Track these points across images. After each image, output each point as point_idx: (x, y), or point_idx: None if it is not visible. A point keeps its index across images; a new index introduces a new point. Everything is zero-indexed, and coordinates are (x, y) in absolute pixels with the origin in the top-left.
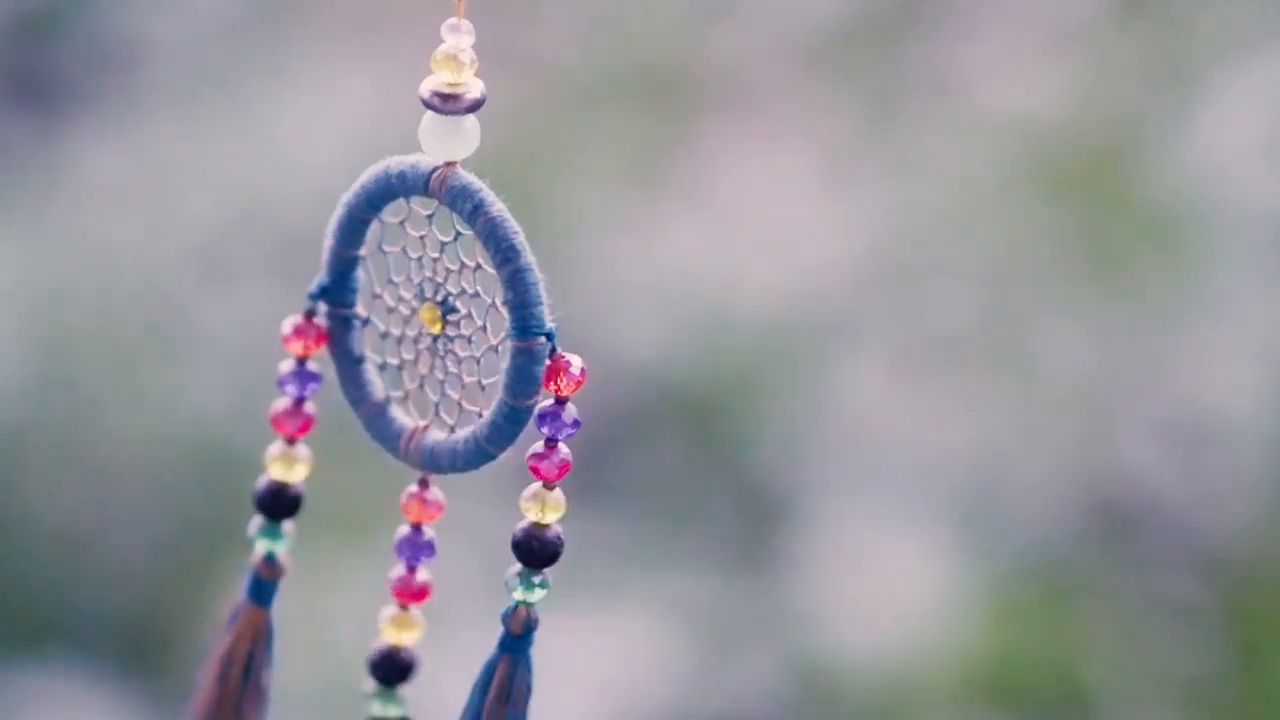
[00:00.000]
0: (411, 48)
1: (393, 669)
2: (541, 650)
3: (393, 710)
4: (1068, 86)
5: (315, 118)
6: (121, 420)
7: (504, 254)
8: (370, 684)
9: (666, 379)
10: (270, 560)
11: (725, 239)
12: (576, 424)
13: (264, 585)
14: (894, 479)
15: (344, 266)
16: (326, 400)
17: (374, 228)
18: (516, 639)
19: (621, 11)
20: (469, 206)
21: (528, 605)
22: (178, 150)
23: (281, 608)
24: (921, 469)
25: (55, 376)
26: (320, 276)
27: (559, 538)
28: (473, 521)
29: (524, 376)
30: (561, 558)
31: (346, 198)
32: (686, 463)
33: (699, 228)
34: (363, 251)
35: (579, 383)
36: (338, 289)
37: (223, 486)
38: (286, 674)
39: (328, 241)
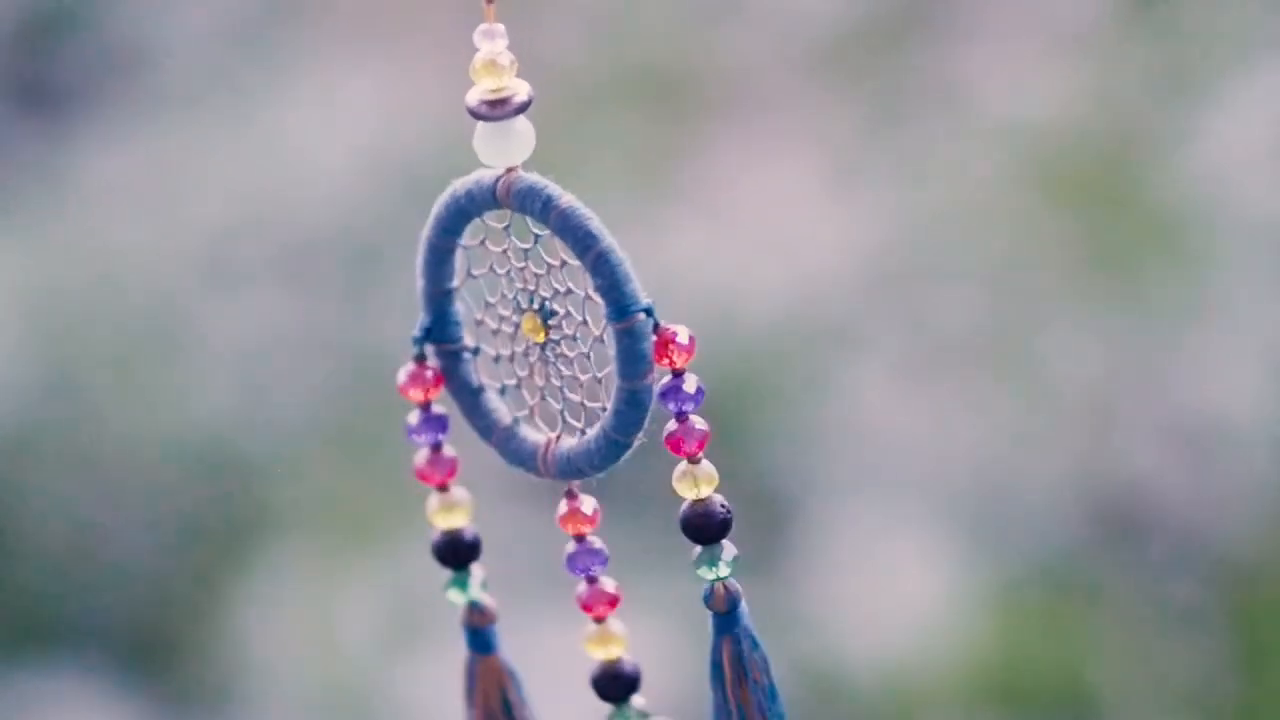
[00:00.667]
0: (418, 51)
1: (617, 684)
2: (545, 653)
3: None
4: (1073, 91)
5: (321, 121)
6: (127, 424)
7: (582, 242)
8: (607, 708)
9: None
10: (476, 608)
11: (730, 243)
12: (700, 392)
13: (481, 633)
14: (900, 482)
15: (440, 302)
16: (332, 407)
17: (460, 256)
18: (726, 617)
19: (626, 15)
20: (538, 205)
21: (723, 580)
22: (184, 154)
23: (291, 610)
24: (927, 473)
25: (61, 380)
26: (421, 318)
27: (724, 506)
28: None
29: (633, 356)
30: (732, 525)
31: (425, 234)
32: None
33: (704, 231)
34: (455, 283)
35: (690, 351)
36: (440, 326)
37: (228, 490)
38: (295, 676)
39: (419, 282)
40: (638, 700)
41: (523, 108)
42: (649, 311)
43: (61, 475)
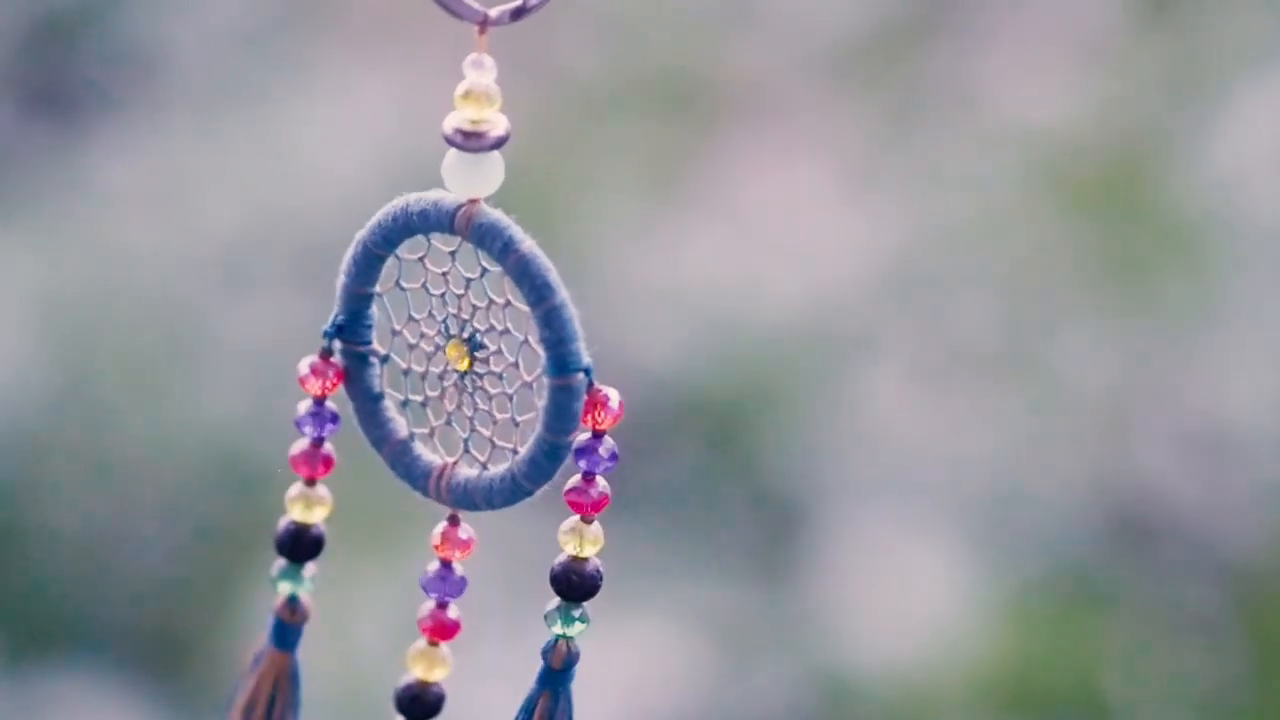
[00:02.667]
0: (434, 55)
1: (420, 706)
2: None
3: None
4: (1089, 97)
5: (335, 125)
6: (142, 427)
7: (538, 291)
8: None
9: (686, 388)
10: (293, 603)
11: (745, 249)
12: (614, 457)
13: (288, 629)
14: (913, 488)
15: (359, 303)
16: (346, 411)
17: (390, 264)
18: (557, 674)
19: (642, 21)
20: (499, 244)
21: (568, 639)
22: (197, 157)
23: (312, 608)
24: (940, 479)
25: (75, 384)
26: (335, 314)
27: (598, 571)
28: (496, 537)
29: (564, 413)
30: (600, 591)
31: (362, 235)
32: (705, 472)
33: (719, 237)
34: (378, 288)
35: (617, 416)
36: (353, 326)
37: (241, 493)
38: (309, 679)
39: (341, 279)
40: None
41: (499, 143)
42: (587, 371)
43: (76, 479)
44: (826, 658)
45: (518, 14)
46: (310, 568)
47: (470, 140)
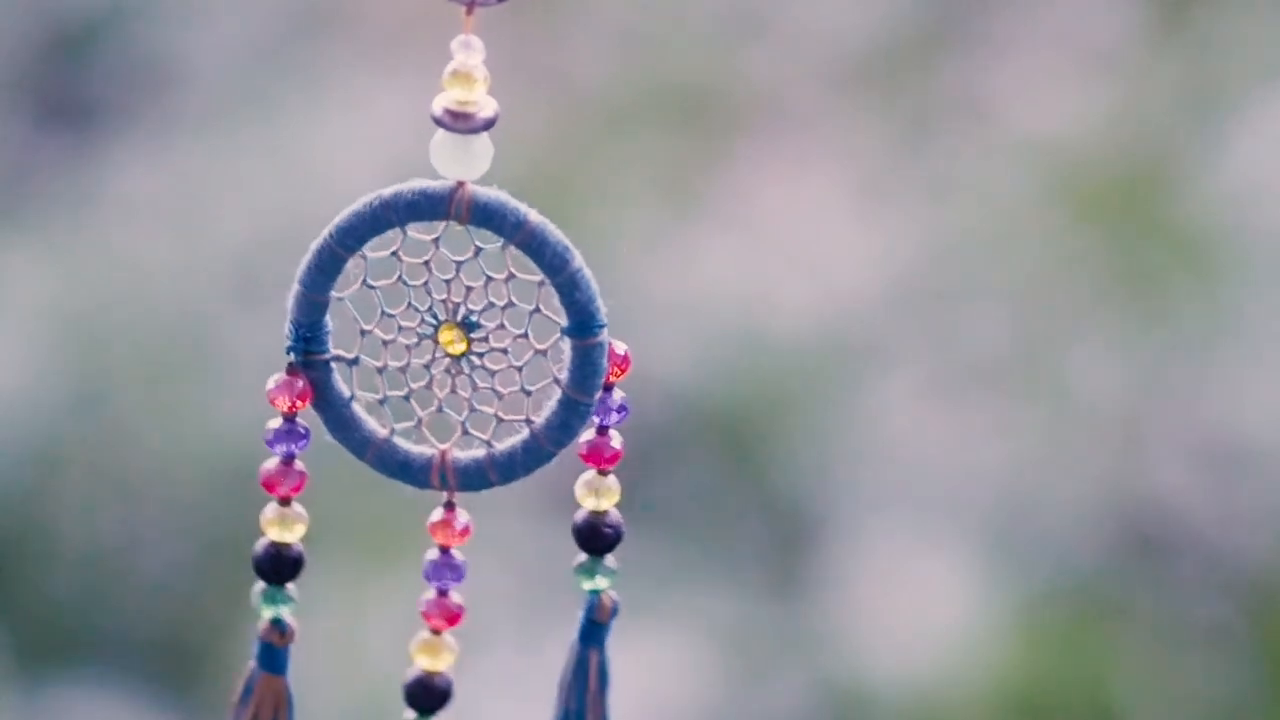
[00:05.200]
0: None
1: (429, 696)
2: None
3: None
4: (1102, 109)
5: (350, 135)
6: (156, 439)
7: (559, 257)
8: (408, 713)
9: (698, 399)
10: (279, 626)
11: (758, 260)
12: (624, 409)
13: (276, 652)
14: (926, 501)
15: (318, 311)
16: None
17: (351, 265)
18: (601, 628)
19: (655, 32)
20: (509, 220)
21: (607, 592)
22: (212, 169)
23: (318, 625)
24: (953, 491)
25: (88, 394)
26: (296, 325)
27: (619, 522)
28: (502, 538)
29: (594, 371)
30: (622, 542)
31: (324, 239)
32: (717, 483)
33: (732, 249)
34: (335, 292)
35: (624, 367)
36: (315, 335)
37: (254, 505)
38: (319, 696)
39: (297, 288)
40: (443, 716)
41: (488, 124)
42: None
43: (89, 490)
44: (839, 670)
45: None
46: (292, 588)
47: (459, 121)
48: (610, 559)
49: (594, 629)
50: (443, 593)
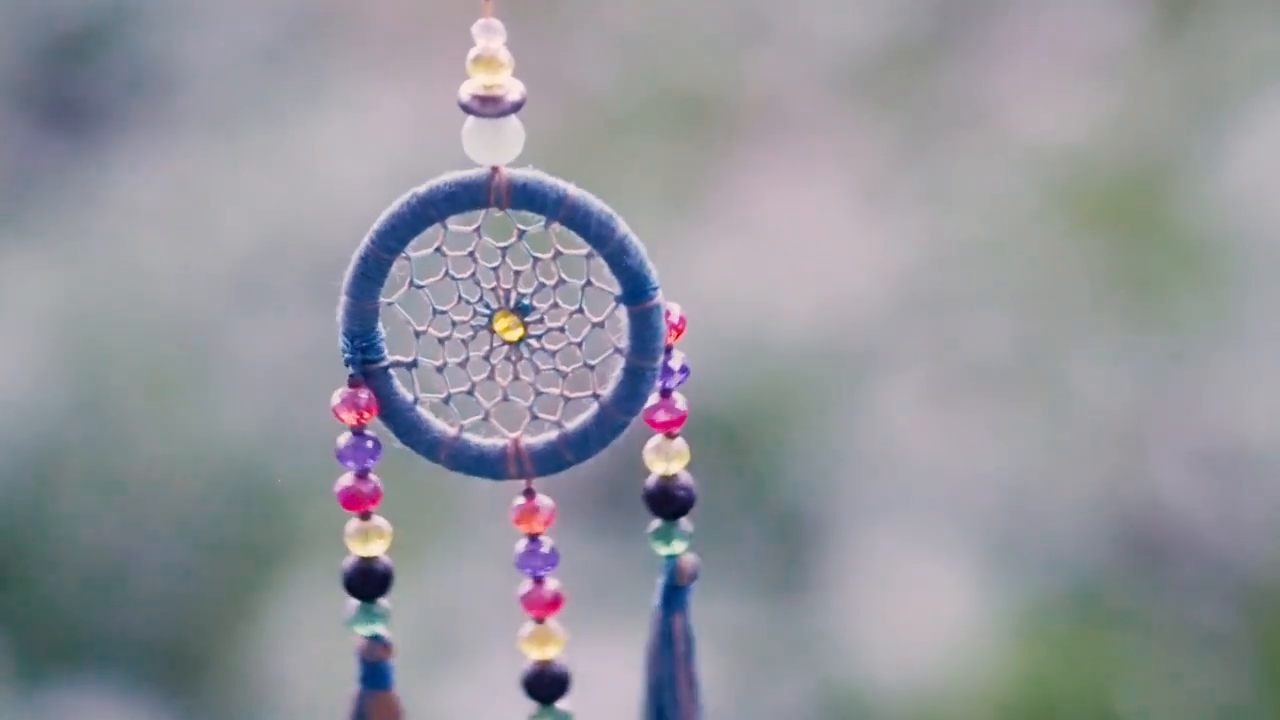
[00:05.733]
0: (451, 69)
1: (546, 686)
2: (584, 678)
3: None
4: (1103, 113)
5: (352, 140)
6: (156, 444)
7: (605, 226)
8: (532, 707)
9: (699, 404)
10: (379, 642)
11: (760, 264)
12: (685, 370)
13: (379, 668)
14: (927, 506)
15: (369, 319)
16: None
17: (396, 269)
18: (684, 590)
19: (657, 37)
20: (551, 197)
21: (685, 555)
22: (214, 173)
23: (320, 630)
24: (954, 495)
25: (89, 399)
26: (350, 336)
27: (690, 484)
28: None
29: (652, 334)
30: (696, 504)
31: (365, 247)
32: (718, 488)
33: (734, 253)
34: (384, 298)
35: (681, 329)
36: (371, 344)
37: (256, 509)
38: (324, 695)
39: (345, 299)
40: (563, 703)
41: (516, 107)
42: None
43: (91, 494)
44: (840, 674)
45: None
46: (384, 605)
47: (488, 105)
48: (684, 521)
49: (675, 593)
50: (538, 580)
